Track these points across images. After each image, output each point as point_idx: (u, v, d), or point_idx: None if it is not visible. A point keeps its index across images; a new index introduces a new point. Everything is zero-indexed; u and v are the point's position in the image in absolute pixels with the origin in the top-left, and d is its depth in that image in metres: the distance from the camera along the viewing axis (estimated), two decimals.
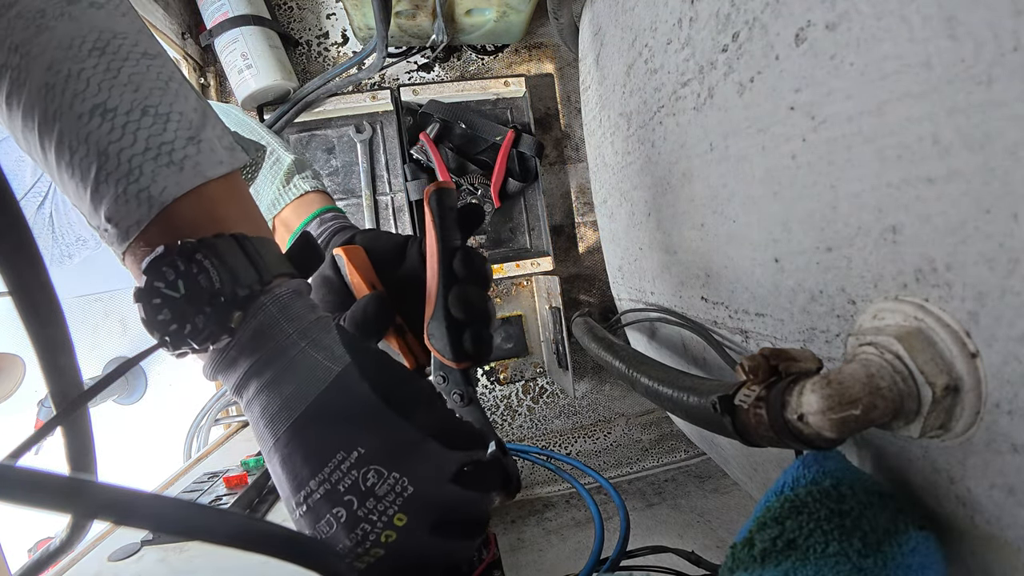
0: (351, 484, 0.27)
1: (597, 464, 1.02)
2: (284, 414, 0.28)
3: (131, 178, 0.26)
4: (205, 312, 0.26)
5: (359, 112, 0.93)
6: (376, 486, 0.27)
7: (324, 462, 0.27)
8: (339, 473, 0.27)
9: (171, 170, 0.26)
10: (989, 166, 0.21)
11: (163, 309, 0.26)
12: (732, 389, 0.29)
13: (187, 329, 0.26)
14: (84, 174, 0.26)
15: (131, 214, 0.26)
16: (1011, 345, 0.21)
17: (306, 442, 0.27)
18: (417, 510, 0.27)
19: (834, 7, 0.28)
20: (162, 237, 0.27)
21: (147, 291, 0.26)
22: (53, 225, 0.80)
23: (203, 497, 0.54)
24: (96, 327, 1.00)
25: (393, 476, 0.27)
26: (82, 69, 0.26)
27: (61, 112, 0.26)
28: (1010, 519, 0.23)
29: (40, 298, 0.25)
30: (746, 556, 0.25)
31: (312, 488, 0.27)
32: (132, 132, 0.26)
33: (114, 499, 0.20)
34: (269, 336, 0.28)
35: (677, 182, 0.51)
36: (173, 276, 0.26)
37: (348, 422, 0.28)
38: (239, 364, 0.28)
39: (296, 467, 0.27)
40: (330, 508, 0.27)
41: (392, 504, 0.27)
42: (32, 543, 0.82)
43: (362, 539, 0.26)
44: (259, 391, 0.28)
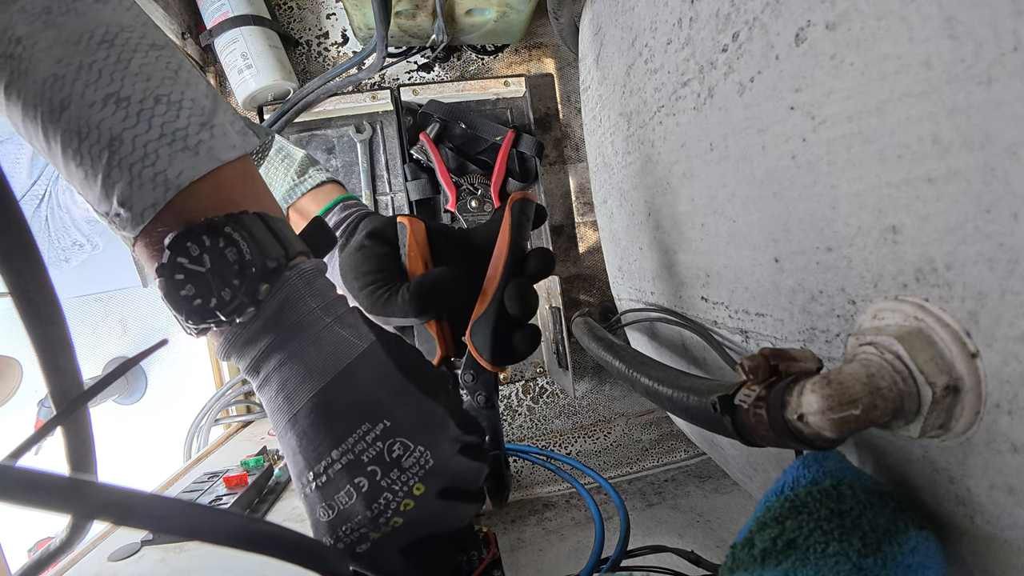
0: (376, 455, 0.27)
1: (597, 464, 1.02)
2: (306, 386, 0.28)
3: (146, 162, 0.26)
4: (233, 285, 0.27)
5: (359, 112, 0.93)
6: (403, 458, 0.27)
7: (348, 433, 0.27)
8: (363, 444, 0.27)
9: (186, 155, 0.27)
10: (989, 166, 0.21)
11: (186, 284, 0.26)
12: (732, 389, 0.29)
13: (212, 303, 0.26)
14: (95, 160, 0.26)
15: (146, 197, 0.26)
16: (1011, 345, 0.21)
17: (329, 414, 0.28)
18: (434, 480, 0.28)
19: (834, 7, 0.28)
20: (178, 219, 0.27)
21: (170, 267, 0.26)
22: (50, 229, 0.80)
23: (203, 497, 0.54)
24: (96, 327, 1.00)
25: (419, 449, 0.28)
26: (93, 61, 0.26)
27: (71, 101, 0.26)
28: (1010, 519, 0.23)
29: (40, 298, 0.25)
30: (746, 556, 0.25)
31: (333, 459, 0.27)
32: (146, 119, 0.26)
33: (114, 499, 0.20)
34: (294, 309, 0.28)
35: (677, 182, 0.51)
36: (198, 252, 0.26)
37: (374, 396, 0.28)
38: (260, 339, 0.28)
39: (317, 439, 0.28)
40: (351, 479, 0.27)
41: (415, 475, 0.28)
42: (32, 543, 0.82)
43: (383, 509, 0.27)
44: (279, 365, 0.28)
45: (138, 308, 1.01)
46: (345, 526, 0.28)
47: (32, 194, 0.78)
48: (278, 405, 0.29)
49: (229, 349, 0.29)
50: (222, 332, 0.29)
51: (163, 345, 0.33)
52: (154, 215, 0.27)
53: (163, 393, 1.02)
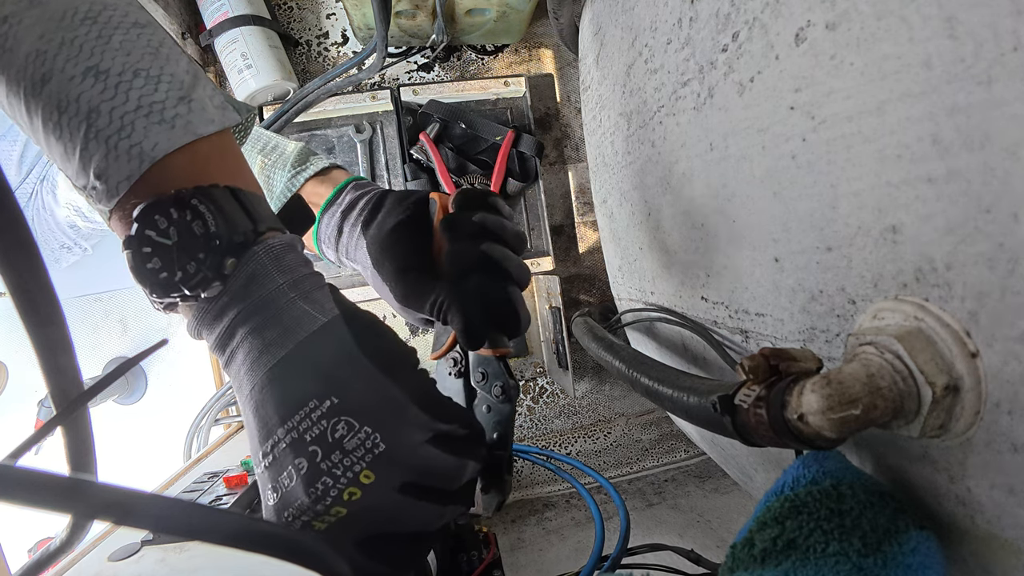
0: (318, 434, 0.26)
1: (597, 464, 1.02)
2: (263, 359, 0.27)
3: (122, 134, 0.26)
4: (198, 258, 0.26)
5: (359, 112, 0.93)
6: (344, 439, 0.25)
7: (295, 410, 0.26)
8: (308, 422, 0.26)
9: (162, 127, 0.27)
10: (989, 166, 0.21)
11: (152, 257, 0.26)
12: (732, 389, 0.29)
13: (178, 276, 0.26)
14: (73, 133, 0.26)
15: (121, 169, 0.26)
16: (1011, 345, 0.21)
17: (281, 388, 0.27)
18: (387, 469, 0.26)
19: (834, 7, 0.28)
20: (152, 192, 0.27)
21: (137, 239, 0.26)
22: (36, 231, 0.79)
23: (203, 497, 0.54)
24: (96, 327, 1.00)
25: (365, 431, 0.26)
26: (75, 36, 0.27)
27: (52, 75, 0.26)
28: (1010, 519, 0.23)
29: (40, 298, 0.25)
30: (746, 556, 0.25)
31: (279, 436, 0.26)
32: (124, 92, 0.26)
33: (114, 499, 0.20)
34: (260, 285, 0.28)
35: (677, 182, 0.51)
36: (165, 224, 0.26)
37: (326, 371, 0.27)
38: (225, 315, 0.28)
39: (267, 414, 0.26)
40: (293, 459, 0.26)
41: (360, 460, 0.25)
42: (32, 543, 0.82)
43: (322, 495, 0.25)
44: (242, 339, 0.28)
45: (138, 308, 1.01)
46: (287, 511, 0.26)
47: (21, 192, 0.78)
48: (239, 381, 0.28)
49: (198, 326, 0.29)
50: (191, 308, 0.28)
51: (163, 345, 0.33)
52: (128, 188, 0.26)
53: (163, 393, 1.01)
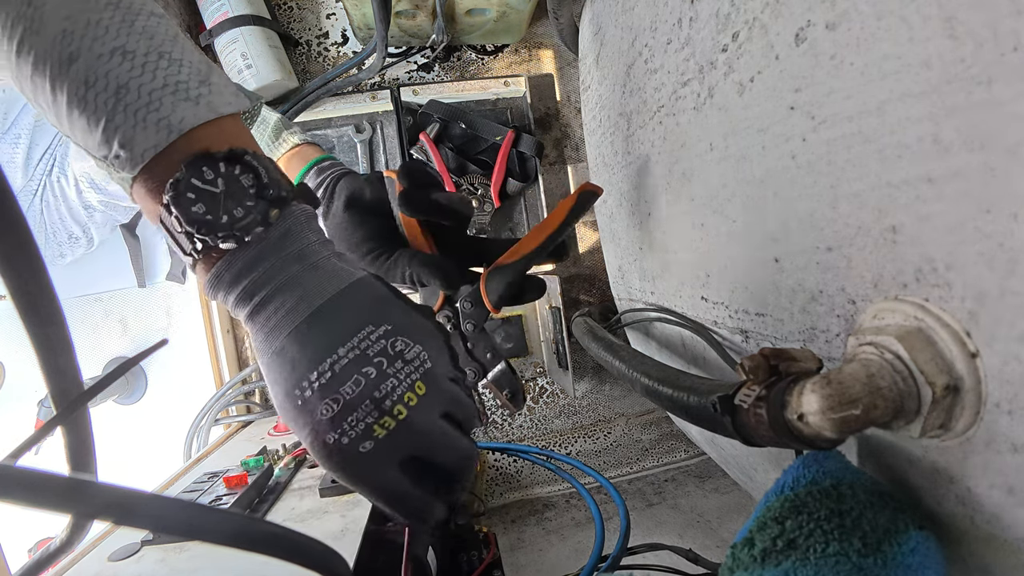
0: (380, 349, 0.29)
1: (597, 464, 1.02)
2: (305, 304, 0.29)
3: (150, 108, 0.28)
4: (247, 205, 0.29)
5: (359, 112, 0.93)
6: (405, 351, 0.29)
7: (354, 333, 0.29)
8: (368, 341, 0.29)
9: (188, 104, 0.29)
10: (989, 166, 0.21)
11: (197, 202, 0.28)
12: (732, 389, 0.29)
13: (224, 219, 0.28)
14: (99, 106, 0.28)
15: (148, 139, 0.28)
16: (1011, 345, 0.21)
17: (333, 319, 0.29)
18: (433, 385, 0.30)
19: (834, 7, 0.28)
20: (181, 158, 0.29)
21: (184, 184, 0.28)
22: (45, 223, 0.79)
23: (203, 497, 0.54)
24: (96, 327, 1.00)
25: (418, 347, 0.30)
26: (100, 19, 0.29)
27: (80, 53, 0.28)
28: (1010, 519, 0.23)
29: (40, 298, 0.25)
30: (746, 556, 0.25)
31: (339, 355, 0.29)
32: (151, 71, 0.29)
33: (114, 499, 0.20)
34: (296, 239, 0.31)
35: (677, 182, 0.51)
36: (212, 175, 0.29)
37: (374, 307, 0.30)
38: (258, 265, 0.30)
39: (323, 341, 0.29)
40: (359, 369, 0.28)
41: (416, 370, 0.29)
42: (32, 543, 0.82)
43: (388, 393, 0.28)
44: (278, 289, 0.30)
45: (138, 308, 1.01)
46: (351, 417, 0.28)
47: (27, 189, 0.77)
48: (276, 323, 0.30)
49: (218, 281, 0.30)
50: (212, 263, 0.30)
51: (163, 345, 0.33)
52: (154, 155, 0.28)
53: (163, 393, 1.01)
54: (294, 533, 0.25)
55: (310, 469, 0.60)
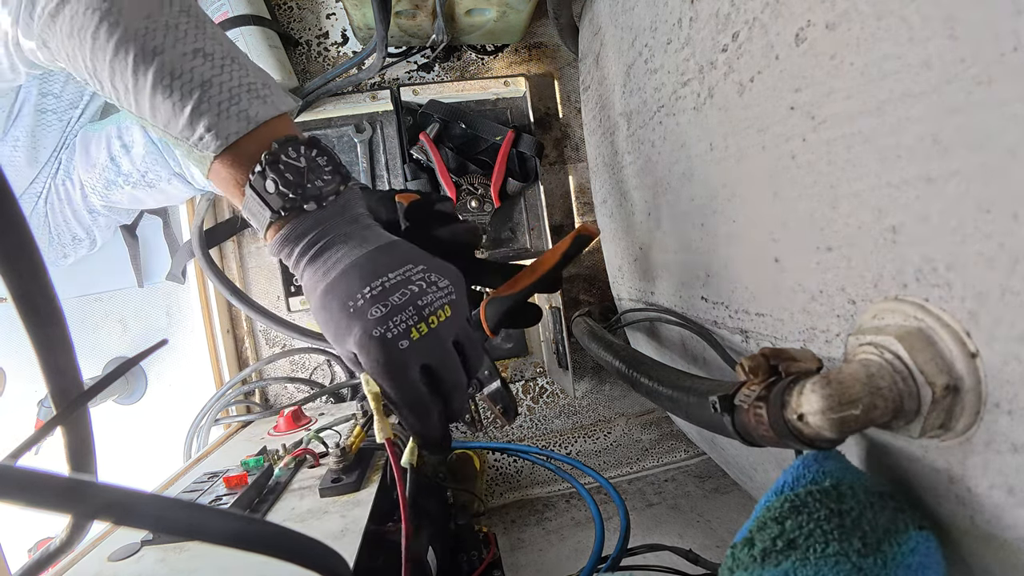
0: (420, 277, 0.37)
1: (597, 464, 1.02)
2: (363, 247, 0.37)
3: (232, 102, 0.35)
4: (324, 179, 0.37)
5: (359, 112, 0.93)
6: (438, 282, 0.37)
7: (400, 266, 0.37)
8: (411, 272, 0.37)
9: (259, 101, 0.36)
10: (989, 166, 0.21)
11: (285, 173, 0.36)
12: (732, 389, 0.29)
13: (308, 187, 0.36)
14: (185, 96, 0.34)
15: (231, 126, 0.35)
16: (1011, 345, 0.21)
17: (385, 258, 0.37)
18: (456, 311, 0.37)
19: (834, 7, 0.28)
20: (256, 145, 0.36)
21: (276, 158, 0.36)
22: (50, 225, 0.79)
23: (203, 497, 0.54)
24: (96, 327, 1.00)
25: (446, 281, 0.38)
26: (177, 23, 0.35)
27: (163, 49, 0.34)
28: (1010, 519, 0.23)
29: (40, 298, 0.25)
30: (746, 556, 0.25)
31: (391, 277, 0.36)
32: (228, 71, 0.36)
33: (114, 499, 0.20)
34: (352, 207, 0.39)
35: (677, 182, 0.51)
36: (296, 155, 0.36)
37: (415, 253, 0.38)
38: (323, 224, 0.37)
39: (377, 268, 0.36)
40: (405, 287, 0.36)
41: (446, 296, 0.37)
42: (32, 543, 0.82)
43: (429, 303, 0.36)
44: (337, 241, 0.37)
45: (138, 308, 1.01)
46: (397, 317, 0.35)
47: (32, 191, 0.77)
48: (334, 262, 0.37)
49: (287, 237, 0.37)
50: (287, 222, 0.37)
51: (163, 345, 0.33)
52: (236, 139, 0.35)
53: (163, 393, 1.01)
54: (294, 533, 0.25)
55: (310, 469, 0.60)
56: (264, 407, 0.94)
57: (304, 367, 0.97)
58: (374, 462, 0.60)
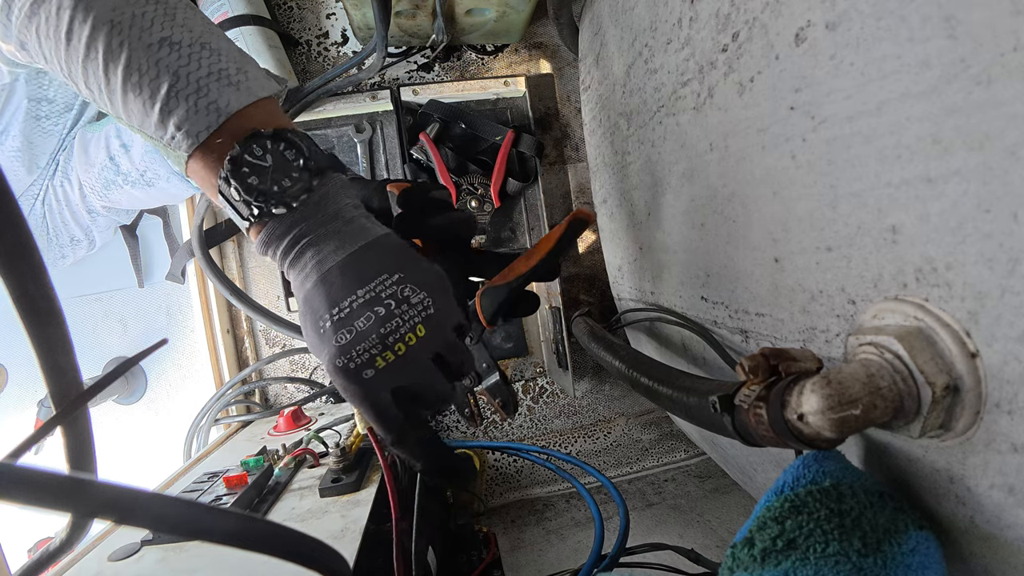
0: (391, 293, 0.34)
1: (597, 464, 1.02)
2: (338, 254, 0.34)
3: (200, 94, 0.32)
4: (292, 177, 0.34)
5: (359, 112, 0.93)
6: (411, 297, 0.34)
7: (371, 279, 0.34)
8: (382, 286, 0.34)
9: (231, 89, 0.33)
10: (989, 166, 0.21)
11: (251, 175, 0.33)
12: (732, 389, 0.29)
13: (275, 189, 0.34)
14: (153, 92, 0.32)
15: (200, 122, 0.32)
16: (1011, 345, 0.21)
17: (359, 266, 0.35)
18: (433, 329, 0.34)
19: (834, 7, 0.28)
20: (229, 138, 0.33)
21: (239, 159, 0.33)
22: (48, 226, 0.79)
23: (203, 497, 0.54)
24: (96, 327, 1.00)
25: (423, 294, 0.34)
26: (144, 12, 0.32)
27: (129, 43, 0.32)
28: (1010, 519, 0.23)
29: (40, 298, 0.25)
30: (746, 556, 0.25)
31: (358, 296, 0.34)
32: (196, 60, 0.33)
33: (114, 499, 0.20)
34: (332, 202, 0.36)
35: (677, 182, 0.51)
36: (261, 152, 0.33)
37: (393, 258, 0.35)
38: (302, 223, 0.35)
39: (345, 284, 0.34)
40: (371, 308, 0.33)
41: (419, 314, 0.34)
42: (32, 543, 0.82)
43: (391, 331, 0.33)
44: (316, 241, 0.35)
45: (138, 308, 1.01)
46: (360, 346, 0.33)
47: (30, 192, 0.77)
48: (310, 268, 0.35)
49: (268, 239, 0.35)
50: (264, 224, 0.35)
51: (163, 345, 0.33)
52: (207, 136, 0.33)
53: (163, 393, 1.01)
54: (294, 532, 0.25)
55: (310, 469, 0.60)
56: (264, 407, 0.94)
57: (304, 367, 0.97)
58: (374, 462, 0.60)
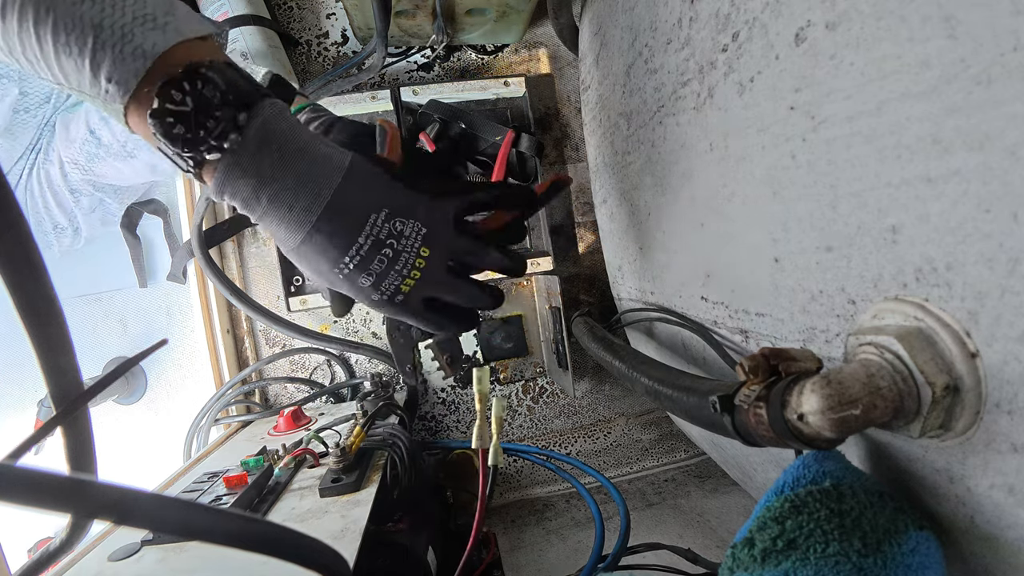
0: (388, 231, 0.37)
1: (597, 464, 1.02)
2: (316, 204, 0.35)
3: (125, 40, 0.31)
4: (215, 116, 0.32)
5: (359, 112, 0.93)
6: (404, 229, 0.37)
7: (364, 222, 0.36)
8: (377, 227, 0.37)
9: (156, 31, 0.32)
10: (989, 166, 0.21)
11: (176, 125, 0.32)
12: (732, 389, 0.29)
13: (201, 132, 0.32)
14: (81, 48, 0.31)
15: (128, 68, 0.31)
16: (1011, 345, 0.21)
17: (344, 215, 0.36)
18: (434, 245, 0.38)
19: (834, 7, 0.28)
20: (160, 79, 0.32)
21: (160, 111, 0.32)
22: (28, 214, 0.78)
23: (203, 497, 0.54)
24: (96, 327, 1.00)
25: (412, 222, 0.37)
26: None
27: (55, 6, 0.30)
28: (1010, 519, 0.23)
29: (40, 298, 0.25)
30: (746, 556, 0.25)
31: (361, 243, 0.36)
32: (120, 8, 0.31)
33: (114, 499, 0.20)
34: (275, 129, 0.34)
35: (677, 182, 0.51)
36: (180, 96, 0.32)
37: (371, 193, 0.37)
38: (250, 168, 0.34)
39: (344, 234, 0.36)
40: (378, 252, 0.37)
41: (417, 239, 0.37)
42: (32, 543, 0.82)
43: (405, 263, 0.37)
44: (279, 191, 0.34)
45: (138, 308, 1.01)
46: (384, 283, 0.38)
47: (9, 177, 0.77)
48: (292, 220, 0.35)
49: (223, 182, 0.34)
50: (215, 168, 0.33)
51: (163, 345, 0.33)
52: (137, 83, 0.31)
53: (163, 393, 1.01)
54: (294, 533, 0.25)
55: (310, 469, 0.60)
56: (264, 407, 0.94)
57: (304, 367, 0.97)
58: (374, 462, 0.60)
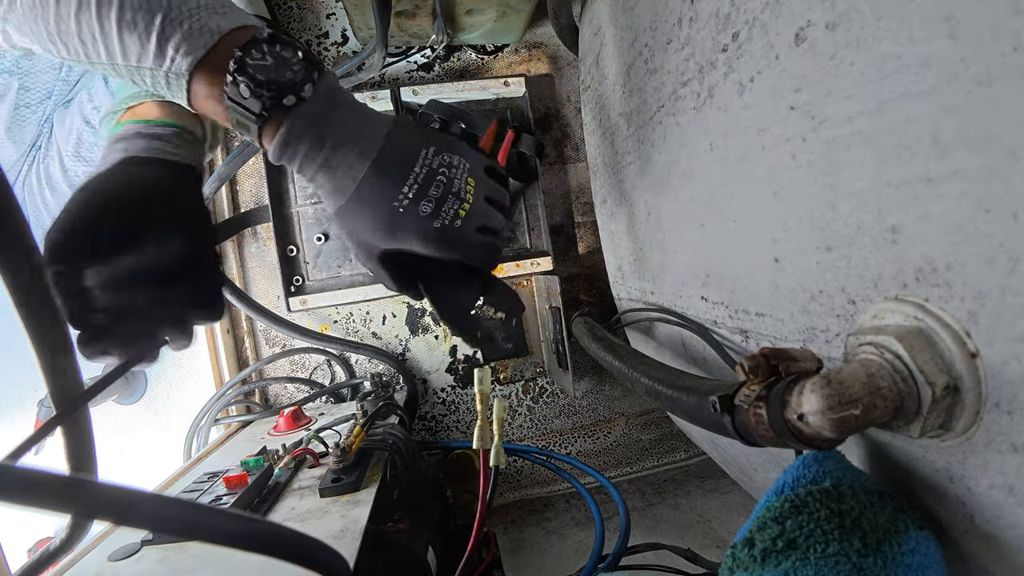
0: (439, 163, 0.41)
1: (597, 464, 1.02)
2: (374, 145, 0.40)
3: (193, 19, 0.37)
4: (294, 69, 0.38)
5: None
6: (452, 162, 0.42)
7: (416, 157, 0.41)
8: (429, 158, 0.41)
9: (220, 16, 0.38)
10: (989, 166, 0.21)
11: (256, 74, 0.37)
12: (732, 389, 0.29)
13: (282, 82, 0.37)
14: (148, 24, 0.36)
15: (198, 41, 0.37)
16: (1011, 345, 0.21)
17: (400, 149, 0.41)
18: (477, 179, 0.42)
19: (834, 7, 0.28)
20: (224, 56, 0.37)
21: (243, 62, 0.37)
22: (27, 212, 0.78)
23: (203, 497, 0.54)
24: None
25: (457, 156, 0.42)
26: None
27: None
28: (1010, 519, 0.23)
29: (40, 298, 0.25)
30: (746, 556, 0.25)
31: (417, 172, 0.40)
32: None
33: (114, 499, 0.20)
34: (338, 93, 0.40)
35: (677, 182, 0.51)
36: (261, 55, 0.37)
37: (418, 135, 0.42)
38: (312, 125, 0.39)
39: (400, 168, 0.40)
40: (434, 179, 0.41)
41: (465, 171, 0.42)
42: (32, 543, 0.82)
43: (459, 188, 0.41)
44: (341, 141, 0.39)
45: None
46: (444, 207, 0.40)
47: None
48: (354, 159, 0.40)
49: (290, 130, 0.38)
50: (283, 118, 0.38)
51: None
52: (205, 53, 0.37)
53: (163, 393, 1.01)
54: (294, 533, 0.25)
55: (310, 469, 0.60)
56: (264, 407, 0.94)
57: (304, 367, 0.97)
58: (374, 462, 0.60)
